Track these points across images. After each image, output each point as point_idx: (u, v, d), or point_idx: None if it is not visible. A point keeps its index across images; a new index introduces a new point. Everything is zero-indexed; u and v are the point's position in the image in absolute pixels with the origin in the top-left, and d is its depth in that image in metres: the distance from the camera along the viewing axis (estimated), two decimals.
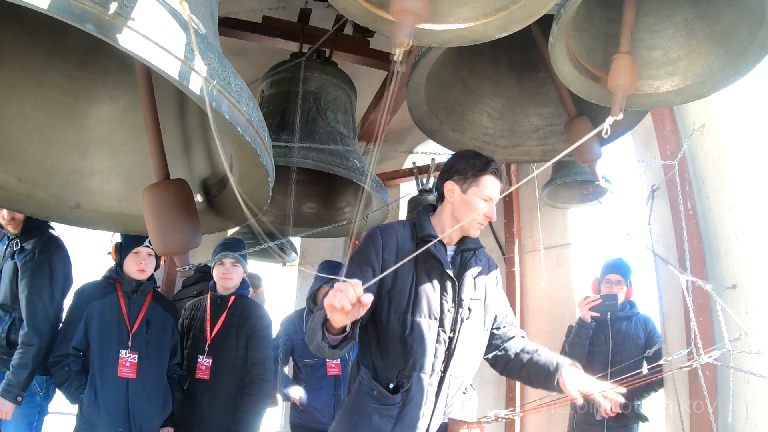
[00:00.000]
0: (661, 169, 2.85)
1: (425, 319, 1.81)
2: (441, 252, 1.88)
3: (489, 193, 1.86)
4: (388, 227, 1.94)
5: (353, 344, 1.64)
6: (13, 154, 1.69)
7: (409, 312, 1.81)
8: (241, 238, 4.16)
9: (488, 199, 1.86)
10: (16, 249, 2.72)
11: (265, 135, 1.32)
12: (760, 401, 2.22)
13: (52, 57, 1.71)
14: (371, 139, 4.36)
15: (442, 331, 1.82)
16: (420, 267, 1.86)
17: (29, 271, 2.65)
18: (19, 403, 2.53)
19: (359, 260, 1.84)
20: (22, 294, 2.63)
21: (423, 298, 1.83)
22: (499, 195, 1.89)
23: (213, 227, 1.83)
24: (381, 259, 1.84)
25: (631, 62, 1.65)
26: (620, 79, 1.63)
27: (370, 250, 1.85)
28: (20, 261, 2.67)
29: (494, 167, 1.87)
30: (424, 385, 1.78)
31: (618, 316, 3.29)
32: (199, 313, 3.14)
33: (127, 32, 0.92)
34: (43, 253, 2.68)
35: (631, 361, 3.09)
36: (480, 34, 1.53)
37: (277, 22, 3.34)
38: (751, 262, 2.37)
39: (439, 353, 1.81)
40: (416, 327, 1.81)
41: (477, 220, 1.88)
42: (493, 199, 1.87)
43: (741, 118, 2.48)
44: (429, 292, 1.84)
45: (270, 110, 2.97)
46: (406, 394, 1.77)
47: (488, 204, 1.87)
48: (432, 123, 2.51)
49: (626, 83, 1.64)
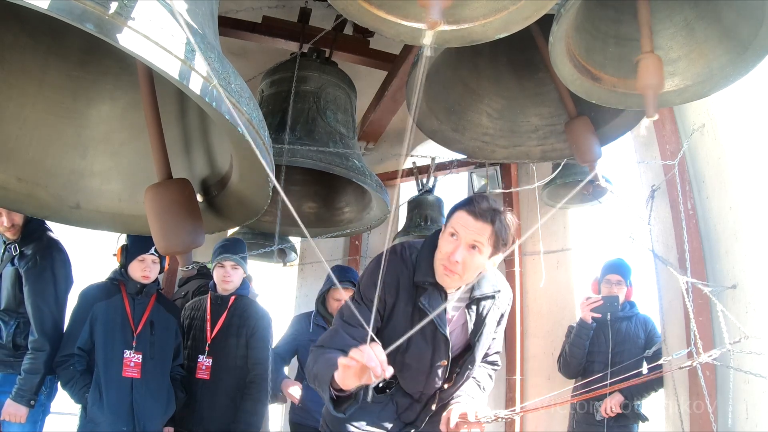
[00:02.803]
0: (661, 169, 2.85)
1: (415, 365, 1.76)
2: (436, 302, 1.71)
3: (453, 225, 1.64)
4: (392, 263, 1.76)
5: (357, 406, 1.58)
6: (13, 154, 1.69)
7: (399, 353, 1.72)
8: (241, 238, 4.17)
9: (453, 233, 1.63)
10: (15, 254, 2.74)
11: (265, 135, 1.32)
12: (760, 401, 2.22)
13: (52, 57, 1.71)
14: (371, 139, 4.36)
15: (436, 377, 1.80)
16: (415, 315, 1.72)
17: (32, 277, 2.68)
18: (32, 407, 2.59)
19: (368, 298, 1.74)
20: (28, 300, 2.67)
21: (414, 350, 1.74)
22: (480, 237, 1.61)
23: (213, 227, 1.83)
24: (384, 301, 1.74)
25: (657, 60, 1.61)
26: (649, 79, 1.60)
27: (372, 290, 1.71)
28: (22, 267, 2.71)
29: (471, 205, 1.63)
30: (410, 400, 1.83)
31: (618, 316, 3.29)
32: (200, 313, 3.15)
33: (127, 32, 0.92)
34: (44, 258, 2.71)
35: (631, 361, 3.09)
36: (480, 34, 1.53)
37: (277, 21, 3.34)
38: (751, 262, 2.37)
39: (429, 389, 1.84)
40: (406, 368, 1.78)
41: (440, 261, 1.66)
42: (458, 234, 1.62)
43: (741, 118, 2.48)
44: (422, 346, 1.74)
45: (270, 110, 2.97)
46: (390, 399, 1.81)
47: (453, 243, 1.62)
48: (432, 123, 2.51)
49: (656, 82, 1.60)
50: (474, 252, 1.62)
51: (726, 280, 2.48)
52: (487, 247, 1.62)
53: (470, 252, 1.62)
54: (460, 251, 1.60)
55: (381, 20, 1.49)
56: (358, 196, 3.27)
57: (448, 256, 1.62)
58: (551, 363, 3.64)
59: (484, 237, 1.60)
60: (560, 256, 4.03)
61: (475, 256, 1.62)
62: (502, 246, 1.64)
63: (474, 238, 1.60)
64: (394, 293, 1.74)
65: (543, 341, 3.99)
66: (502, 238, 1.62)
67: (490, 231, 1.61)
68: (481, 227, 1.60)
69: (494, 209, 1.62)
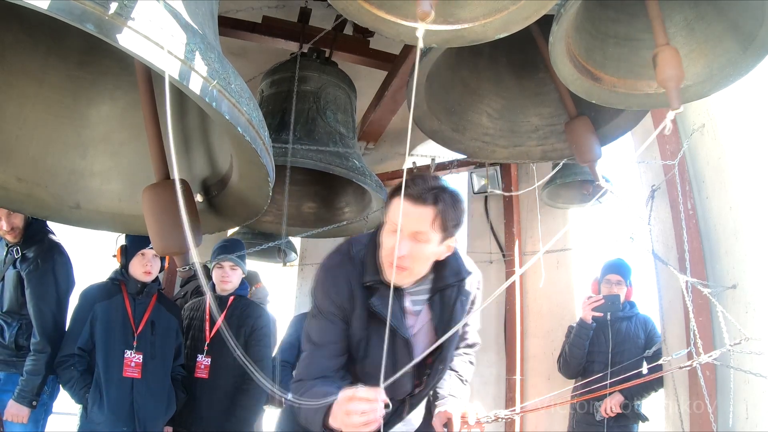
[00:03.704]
0: (661, 169, 2.85)
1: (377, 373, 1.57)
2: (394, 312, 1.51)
3: (390, 217, 1.45)
4: (340, 265, 1.59)
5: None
6: (13, 154, 1.69)
7: (358, 362, 1.59)
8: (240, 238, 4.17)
9: (393, 228, 1.42)
10: (17, 257, 2.75)
11: (265, 135, 1.32)
12: (760, 401, 2.22)
13: (52, 57, 1.71)
14: (371, 139, 4.36)
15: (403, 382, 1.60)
16: (372, 319, 1.55)
17: (34, 280, 2.70)
18: (33, 407, 2.61)
19: (326, 311, 1.57)
20: (30, 302, 2.69)
21: (375, 357, 1.54)
22: (423, 223, 1.42)
23: (213, 227, 1.83)
24: (343, 309, 1.57)
25: (674, 52, 1.58)
26: (669, 71, 1.56)
27: (328, 302, 1.57)
28: (24, 270, 2.73)
29: (407, 190, 1.41)
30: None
31: (618, 316, 3.30)
32: (199, 313, 3.15)
33: (127, 32, 0.92)
34: (45, 261, 2.73)
35: (631, 361, 3.09)
36: (479, 34, 1.53)
37: (277, 21, 3.34)
38: (751, 262, 2.37)
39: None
40: (368, 377, 1.58)
41: (384, 258, 1.48)
42: (398, 227, 1.39)
43: (741, 118, 2.48)
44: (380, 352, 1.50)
45: (270, 110, 2.97)
46: None
47: (395, 235, 1.40)
48: (432, 123, 2.51)
49: (676, 73, 1.55)
50: (420, 241, 1.44)
51: (726, 280, 2.48)
52: (433, 233, 1.44)
53: (416, 242, 1.44)
54: (403, 244, 1.41)
55: (381, 20, 1.49)
56: (358, 196, 3.27)
57: (392, 250, 1.41)
58: (551, 363, 3.64)
59: (426, 223, 1.42)
60: (560, 257, 4.03)
61: (421, 246, 1.45)
62: (452, 227, 1.47)
63: (416, 227, 1.42)
64: (349, 298, 1.56)
65: (543, 341, 3.99)
66: (450, 219, 1.44)
67: (433, 214, 1.41)
68: (421, 212, 1.41)
69: (433, 188, 1.43)
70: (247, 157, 1.33)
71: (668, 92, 1.55)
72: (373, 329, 1.55)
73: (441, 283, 1.61)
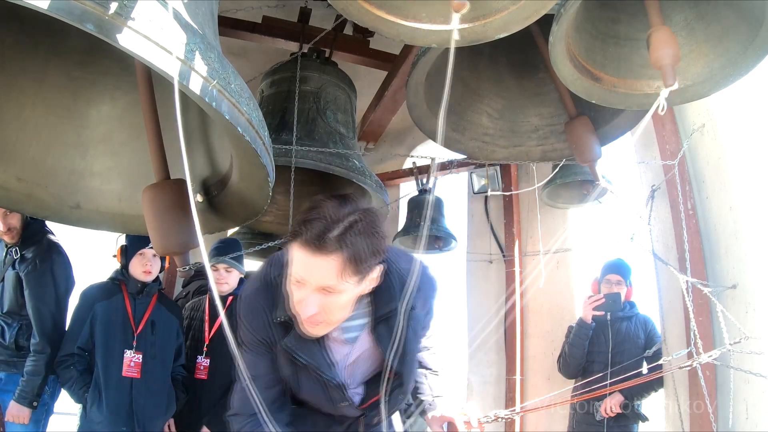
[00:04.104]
0: (661, 169, 2.85)
1: (316, 402, 1.44)
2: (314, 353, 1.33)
3: (294, 273, 1.19)
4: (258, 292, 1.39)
5: None
6: (13, 154, 1.69)
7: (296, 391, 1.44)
8: (240, 238, 4.16)
9: (296, 280, 1.19)
10: (16, 257, 2.75)
11: (265, 135, 1.32)
12: (760, 401, 2.22)
13: (52, 57, 1.71)
14: (371, 139, 4.37)
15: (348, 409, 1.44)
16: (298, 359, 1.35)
17: (33, 281, 2.70)
18: (34, 408, 2.61)
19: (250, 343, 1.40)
20: (29, 304, 2.68)
21: (307, 390, 1.40)
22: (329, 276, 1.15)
23: (213, 227, 1.84)
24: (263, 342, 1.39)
25: (668, 31, 1.56)
26: (662, 49, 1.52)
27: (249, 335, 1.40)
28: (23, 271, 2.72)
29: (303, 236, 1.14)
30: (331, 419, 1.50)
31: (618, 316, 3.29)
32: (198, 314, 3.15)
33: (127, 32, 0.92)
34: (44, 261, 2.73)
35: (631, 361, 3.09)
36: (479, 34, 1.53)
37: (277, 21, 3.35)
38: (751, 262, 2.37)
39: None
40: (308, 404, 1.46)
41: (295, 310, 1.24)
42: (303, 280, 1.17)
43: (741, 118, 2.48)
44: (313, 387, 1.39)
45: (270, 110, 2.97)
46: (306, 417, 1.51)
47: (301, 289, 1.19)
48: (432, 123, 2.51)
49: (671, 51, 1.52)
50: (331, 294, 1.18)
51: (726, 280, 2.48)
52: (345, 283, 1.17)
53: (326, 295, 1.18)
54: (311, 300, 1.18)
55: (381, 20, 1.49)
56: (358, 196, 3.28)
57: (299, 304, 1.21)
58: (551, 363, 3.64)
59: (332, 275, 1.14)
60: (560, 256, 4.03)
61: (334, 297, 1.19)
62: (366, 268, 1.18)
63: (321, 282, 1.16)
64: (266, 333, 1.37)
65: (543, 341, 3.99)
66: (363, 260, 1.16)
67: (339, 264, 1.13)
68: (324, 264, 1.13)
69: (335, 227, 1.13)
70: (247, 158, 1.33)
71: (662, 69, 1.51)
72: (299, 367, 1.36)
73: (382, 310, 1.36)
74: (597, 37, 1.90)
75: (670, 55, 1.51)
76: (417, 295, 1.40)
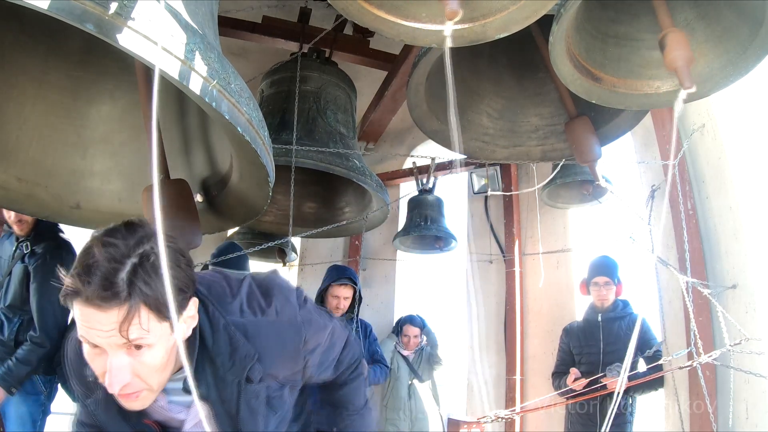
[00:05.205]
0: (661, 169, 2.85)
1: None
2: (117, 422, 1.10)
3: (85, 337, 0.95)
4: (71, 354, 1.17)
5: None
6: (13, 154, 1.69)
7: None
8: (240, 238, 4.16)
9: (93, 348, 0.96)
10: (26, 252, 2.75)
11: (265, 135, 1.32)
12: (760, 401, 2.22)
13: (52, 57, 1.71)
14: (371, 139, 4.37)
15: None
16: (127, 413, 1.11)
17: (40, 276, 2.70)
18: (12, 394, 2.58)
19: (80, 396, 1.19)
20: (33, 298, 2.68)
21: None
22: (116, 332, 0.91)
23: (213, 227, 1.83)
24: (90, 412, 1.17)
25: (681, 34, 1.55)
26: (677, 51, 1.52)
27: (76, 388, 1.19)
28: (31, 265, 2.73)
29: (84, 290, 0.92)
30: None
31: (610, 316, 3.28)
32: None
33: (127, 32, 0.92)
34: (53, 258, 2.73)
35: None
36: (479, 34, 1.53)
37: (277, 21, 3.35)
38: (751, 262, 2.37)
39: None
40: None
41: (104, 382, 0.97)
42: (100, 348, 0.94)
43: (741, 118, 2.48)
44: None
45: (270, 110, 2.97)
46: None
47: (100, 356, 0.95)
48: (432, 123, 2.51)
49: (685, 53, 1.52)
50: (140, 351, 0.95)
51: (726, 280, 2.48)
52: (150, 335, 0.94)
53: (135, 355, 0.95)
54: (118, 367, 0.93)
55: (381, 20, 1.49)
56: (358, 196, 3.28)
57: (110, 378, 0.94)
58: (551, 363, 3.64)
59: (134, 327, 0.91)
60: (560, 256, 4.03)
61: (147, 354, 0.96)
62: (165, 307, 0.93)
63: (115, 341, 0.92)
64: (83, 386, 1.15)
65: (543, 341, 3.99)
66: (157, 299, 0.93)
67: (137, 310, 0.91)
68: (114, 319, 0.90)
69: (119, 274, 0.91)
70: (247, 157, 1.33)
71: (678, 72, 1.49)
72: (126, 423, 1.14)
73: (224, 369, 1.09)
74: (597, 37, 1.90)
75: (685, 57, 1.51)
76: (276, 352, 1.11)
